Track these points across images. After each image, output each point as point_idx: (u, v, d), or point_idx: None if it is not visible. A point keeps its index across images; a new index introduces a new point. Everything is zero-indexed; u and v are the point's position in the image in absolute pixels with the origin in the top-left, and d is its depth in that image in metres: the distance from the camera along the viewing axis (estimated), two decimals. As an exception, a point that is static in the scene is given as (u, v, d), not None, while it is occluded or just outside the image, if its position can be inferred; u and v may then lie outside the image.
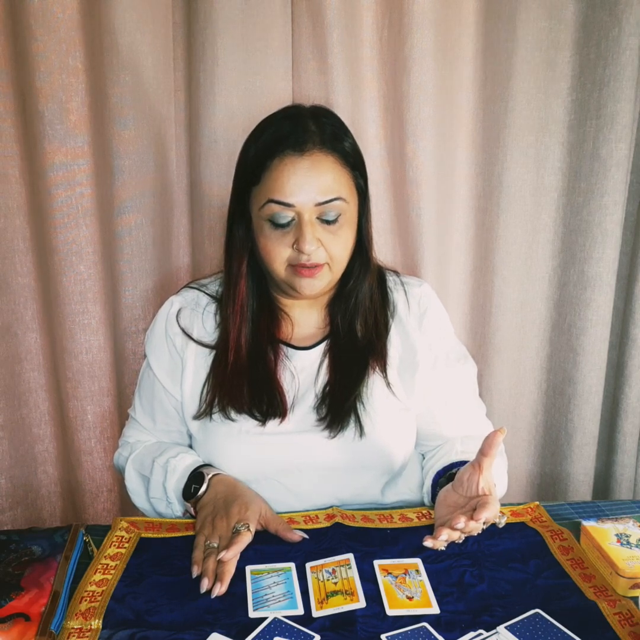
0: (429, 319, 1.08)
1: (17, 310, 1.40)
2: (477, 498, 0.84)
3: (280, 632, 0.73)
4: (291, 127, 0.95)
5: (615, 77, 1.34)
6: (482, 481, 0.85)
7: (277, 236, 0.95)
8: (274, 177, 0.93)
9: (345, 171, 0.96)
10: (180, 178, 1.43)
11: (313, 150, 0.93)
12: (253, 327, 1.04)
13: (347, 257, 1.00)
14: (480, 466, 0.85)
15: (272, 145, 0.94)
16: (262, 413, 1.01)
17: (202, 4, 1.28)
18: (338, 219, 0.95)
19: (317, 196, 0.93)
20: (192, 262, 1.49)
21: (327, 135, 0.95)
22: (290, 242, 0.95)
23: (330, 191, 0.94)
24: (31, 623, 0.73)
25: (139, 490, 1.07)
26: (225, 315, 1.04)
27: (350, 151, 0.98)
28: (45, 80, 1.24)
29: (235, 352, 1.02)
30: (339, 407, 1.01)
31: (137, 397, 1.14)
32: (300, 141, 0.93)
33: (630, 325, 1.51)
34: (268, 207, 0.94)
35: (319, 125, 0.96)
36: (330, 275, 0.99)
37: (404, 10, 1.31)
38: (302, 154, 0.93)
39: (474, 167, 1.47)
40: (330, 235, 0.95)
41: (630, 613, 0.76)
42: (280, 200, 0.93)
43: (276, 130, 0.96)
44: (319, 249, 0.95)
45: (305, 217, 0.93)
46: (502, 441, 0.86)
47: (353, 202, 0.98)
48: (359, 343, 1.04)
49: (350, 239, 0.99)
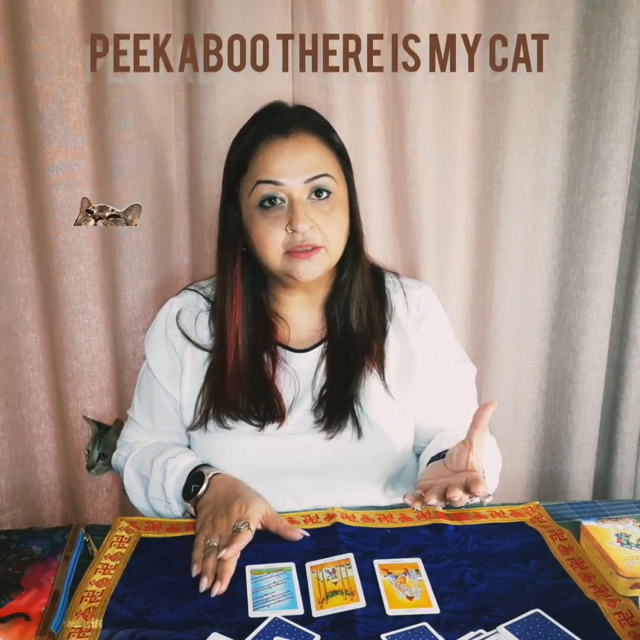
0: (427, 322, 1.08)
1: (17, 310, 1.40)
2: (464, 472, 0.84)
3: (280, 632, 0.73)
4: (275, 115, 0.98)
5: (615, 77, 1.34)
6: (472, 457, 0.85)
7: (270, 222, 0.95)
8: (261, 160, 0.95)
9: (330, 153, 0.98)
10: (180, 178, 1.43)
11: (297, 132, 0.95)
12: (247, 332, 1.04)
13: (342, 239, 0.99)
14: (471, 440, 0.85)
15: (256, 134, 0.96)
16: (259, 419, 1.01)
17: (202, 4, 1.28)
18: (329, 196, 0.96)
19: (306, 174, 0.94)
20: (192, 262, 1.49)
21: (310, 122, 0.98)
22: (284, 225, 0.95)
23: (317, 168, 0.95)
24: (31, 623, 0.73)
25: (137, 490, 1.07)
26: (221, 318, 1.03)
27: (337, 141, 1.00)
28: (45, 80, 1.24)
29: (235, 353, 1.02)
30: (337, 408, 1.01)
31: (136, 398, 1.14)
32: (284, 124, 0.95)
33: (630, 325, 1.51)
34: (257, 189, 0.95)
35: (302, 115, 0.99)
36: (328, 259, 0.98)
37: (404, 10, 1.31)
38: (286, 136, 0.95)
39: (474, 167, 1.47)
40: (323, 215, 0.95)
41: (630, 613, 0.76)
42: (269, 179, 0.94)
43: (260, 121, 0.98)
44: (312, 229, 0.94)
45: (296, 195, 0.94)
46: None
47: (342, 185, 0.99)
48: (354, 340, 1.04)
49: (344, 222, 0.99)
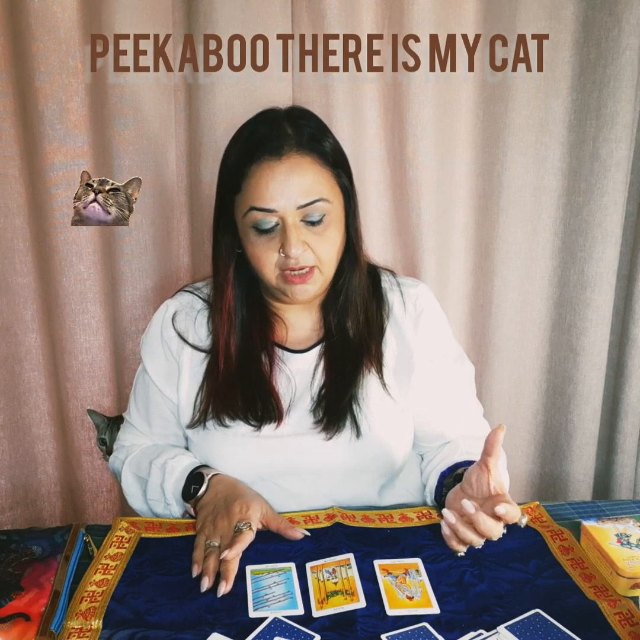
0: (425, 320, 1.08)
1: (17, 310, 1.40)
2: (492, 499, 0.83)
3: (281, 632, 0.73)
4: (267, 131, 0.94)
5: (615, 77, 1.34)
6: (492, 481, 0.84)
7: (263, 242, 0.95)
8: (253, 184, 0.93)
9: (325, 170, 0.95)
10: (180, 178, 1.43)
11: (290, 153, 0.93)
12: (242, 333, 1.03)
13: (335, 257, 0.99)
14: (487, 466, 0.84)
15: (249, 151, 0.94)
16: (257, 418, 1.01)
17: (202, 4, 1.28)
18: (323, 219, 0.94)
19: (299, 199, 0.92)
20: (192, 262, 1.49)
21: (304, 137, 0.95)
22: (277, 248, 0.94)
23: (311, 193, 0.93)
24: (31, 623, 0.73)
25: (136, 492, 1.06)
26: (218, 318, 1.03)
27: (330, 150, 0.97)
28: (45, 80, 1.24)
29: (225, 359, 1.02)
30: (335, 408, 1.01)
31: (133, 401, 1.13)
32: (277, 145, 0.92)
33: (630, 325, 1.51)
34: (250, 215, 0.94)
35: (295, 127, 0.95)
36: (322, 278, 0.98)
37: (404, 10, 1.31)
38: (279, 158, 0.92)
39: (474, 167, 1.47)
40: (316, 236, 0.95)
41: (631, 613, 0.76)
42: (262, 207, 0.92)
43: (252, 135, 0.96)
44: (306, 251, 0.94)
45: (289, 220, 0.93)
46: (502, 442, 0.85)
47: (337, 201, 0.97)
48: (351, 342, 1.04)
49: (337, 239, 0.98)
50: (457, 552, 0.86)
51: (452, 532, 0.85)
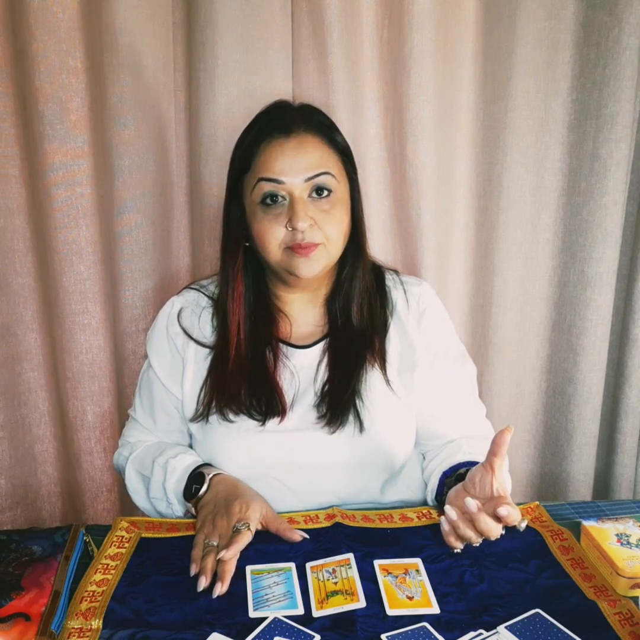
0: (428, 317, 1.09)
1: (17, 310, 1.40)
2: (494, 500, 0.83)
3: (281, 632, 0.73)
4: (278, 114, 0.99)
5: (615, 77, 1.34)
6: (496, 482, 0.84)
7: (270, 219, 0.97)
8: (263, 159, 0.96)
9: (332, 152, 0.99)
10: (180, 178, 1.43)
11: (299, 131, 0.97)
12: (251, 324, 1.05)
13: (342, 238, 1.00)
14: (492, 467, 0.83)
15: (259, 132, 0.98)
16: (261, 413, 1.02)
17: (202, 4, 1.28)
18: (330, 195, 0.97)
19: (306, 172, 0.95)
20: (192, 262, 1.49)
21: (313, 121, 0.99)
22: (284, 222, 0.96)
23: (318, 166, 0.96)
24: (31, 623, 0.73)
25: (139, 490, 1.07)
26: (224, 313, 1.04)
27: (339, 140, 1.01)
28: (45, 80, 1.24)
29: (236, 348, 1.03)
30: (339, 403, 1.01)
31: (138, 397, 1.14)
32: (286, 124, 0.97)
33: (630, 325, 1.51)
34: (259, 186, 0.96)
35: (305, 114, 1.00)
36: (327, 257, 0.99)
37: (404, 10, 1.31)
38: (288, 136, 0.96)
39: (474, 167, 1.47)
40: (323, 214, 0.96)
41: (631, 613, 0.76)
42: (270, 177, 0.95)
43: (263, 120, 1.00)
44: (312, 227, 0.96)
45: (296, 193, 0.95)
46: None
47: (343, 183, 1.00)
48: (356, 336, 1.04)
49: (344, 220, 1.00)
50: (454, 548, 0.86)
51: (452, 528, 0.85)
